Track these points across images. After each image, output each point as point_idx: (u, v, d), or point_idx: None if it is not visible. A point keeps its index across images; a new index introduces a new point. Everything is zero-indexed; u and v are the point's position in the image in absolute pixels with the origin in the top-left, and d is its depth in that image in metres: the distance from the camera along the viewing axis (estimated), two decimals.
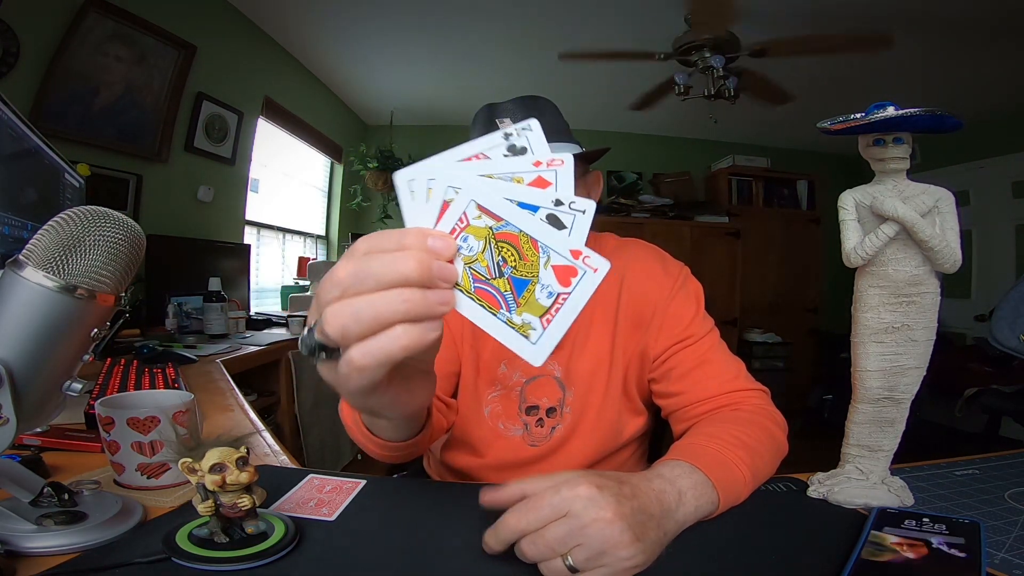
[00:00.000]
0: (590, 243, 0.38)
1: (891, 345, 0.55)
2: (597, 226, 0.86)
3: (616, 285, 0.86)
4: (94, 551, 0.45)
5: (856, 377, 0.57)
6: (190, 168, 2.51)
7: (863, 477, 0.57)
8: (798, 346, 4.30)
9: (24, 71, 1.73)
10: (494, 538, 0.45)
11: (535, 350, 0.34)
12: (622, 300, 0.85)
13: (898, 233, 0.52)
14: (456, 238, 0.34)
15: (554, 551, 0.42)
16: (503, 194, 0.34)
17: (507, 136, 0.35)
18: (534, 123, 0.36)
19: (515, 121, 0.74)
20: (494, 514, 0.46)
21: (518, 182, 0.34)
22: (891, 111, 0.49)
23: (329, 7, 2.70)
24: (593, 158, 0.84)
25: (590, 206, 0.34)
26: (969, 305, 3.73)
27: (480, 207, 0.34)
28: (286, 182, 3.59)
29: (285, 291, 3.07)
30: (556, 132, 0.79)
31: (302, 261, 3.38)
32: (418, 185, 0.35)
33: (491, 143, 0.35)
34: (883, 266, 0.54)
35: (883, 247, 0.53)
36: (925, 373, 0.55)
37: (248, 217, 3.01)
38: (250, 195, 2.99)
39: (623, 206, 4.20)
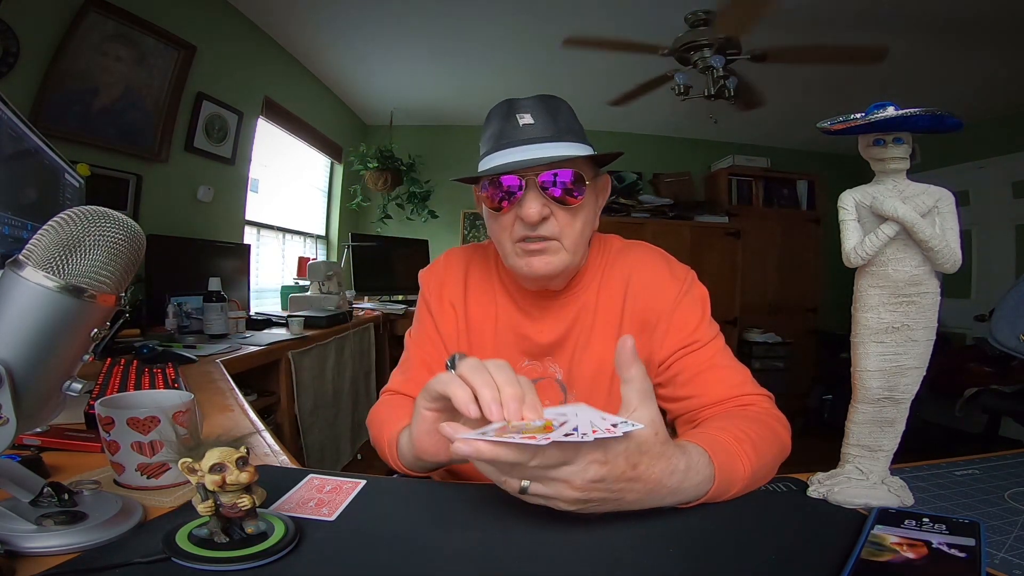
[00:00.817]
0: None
1: (891, 345, 0.55)
2: (601, 227, 0.85)
3: (621, 289, 0.86)
4: (94, 551, 0.45)
5: (856, 377, 0.57)
6: (190, 168, 2.51)
7: (863, 477, 0.57)
8: (798, 346, 4.30)
9: (24, 71, 1.73)
10: (491, 451, 0.45)
11: (472, 434, 0.46)
12: (627, 304, 0.85)
13: (898, 233, 0.52)
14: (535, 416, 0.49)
15: (525, 477, 0.48)
16: (581, 427, 0.46)
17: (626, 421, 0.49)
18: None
19: (535, 117, 0.76)
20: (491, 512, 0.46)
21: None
22: (891, 111, 0.49)
23: (329, 7, 2.70)
24: (605, 162, 0.83)
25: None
26: (969, 305, 3.73)
27: (563, 422, 0.47)
28: (286, 182, 3.59)
29: (285, 291, 3.07)
30: (570, 132, 0.78)
31: (302, 261, 3.38)
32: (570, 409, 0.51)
33: (616, 421, 0.49)
34: (883, 266, 0.54)
35: (883, 247, 0.53)
36: (925, 373, 0.55)
37: (248, 217, 3.01)
38: (250, 195, 2.99)
39: (623, 206, 4.20)
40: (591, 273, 0.87)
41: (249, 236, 3.05)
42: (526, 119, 0.76)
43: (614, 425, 0.47)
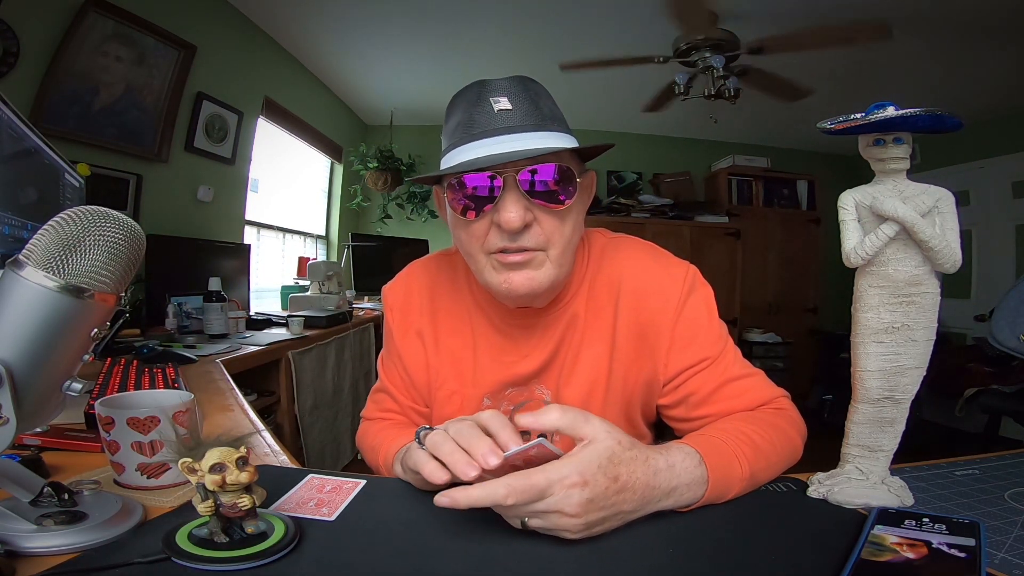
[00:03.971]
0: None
1: (891, 345, 0.55)
2: (591, 225, 0.78)
3: (612, 296, 0.75)
4: (94, 551, 0.45)
5: (856, 377, 0.57)
6: (190, 168, 2.51)
7: (863, 477, 0.57)
8: (798, 346, 4.30)
9: (24, 71, 1.73)
10: (465, 497, 0.45)
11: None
12: (620, 314, 0.74)
13: (898, 233, 0.52)
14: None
15: (519, 516, 0.48)
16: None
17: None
18: None
19: (512, 102, 0.64)
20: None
21: None
22: (891, 111, 0.49)
23: (329, 7, 2.70)
24: (591, 156, 0.71)
25: None
26: (969, 305, 3.73)
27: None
28: (286, 182, 3.59)
29: (285, 291, 3.07)
30: (554, 121, 0.66)
31: (302, 261, 3.38)
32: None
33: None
34: (883, 266, 0.54)
35: (883, 247, 0.53)
36: (925, 373, 0.55)
37: (248, 217, 3.01)
38: (250, 195, 2.99)
39: (623, 206, 4.20)
40: (576, 280, 0.76)
41: (249, 236, 3.05)
42: (502, 103, 0.63)
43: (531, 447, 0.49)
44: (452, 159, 0.65)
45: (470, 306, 0.80)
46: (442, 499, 0.46)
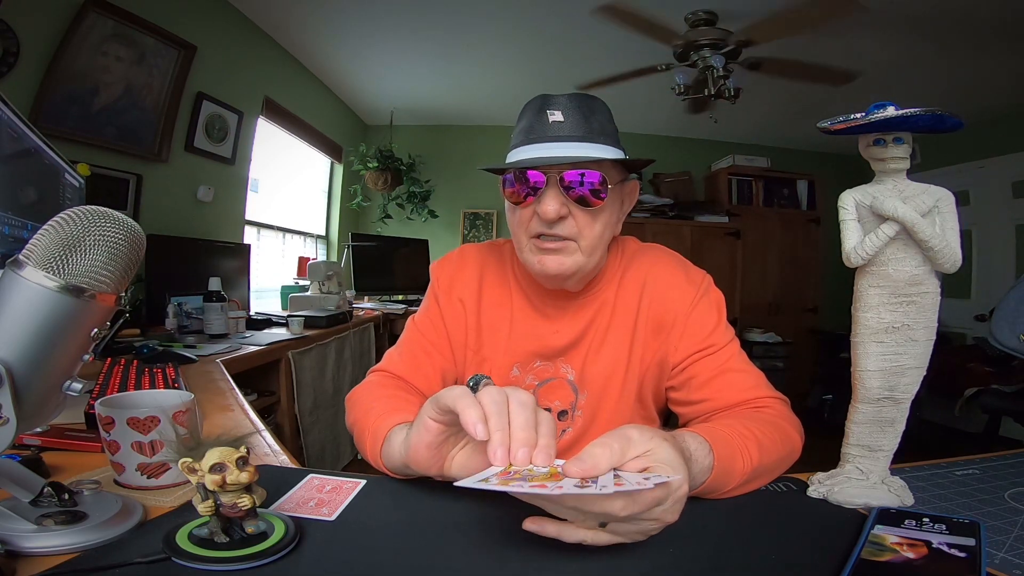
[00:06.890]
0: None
1: (891, 345, 0.55)
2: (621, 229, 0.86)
3: (637, 291, 0.85)
4: (94, 551, 0.45)
5: (856, 377, 0.57)
6: (190, 168, 2.51)
7: (863, 477, 0.57)
8: (798, 346, 4.30)
9: (24, 71, 1.73)
10: (577, 503, 0.43)
11: (472, 479, 0.45)
12: (643, 306, 0.84)
13: (898, 233, 0.52)
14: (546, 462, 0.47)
15: (603, 520, 0.45)
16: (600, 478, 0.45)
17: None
18: None
19: (565, 115, 0.73)
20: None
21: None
22: (891, 111, 0.49)
23: (329, 7, 2.70)
24: (636, 167, 0.82)
25: None
26: (969, 305, 3.73)
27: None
28: (286, 182, 3.59)
29: (285, 291, 3.07)
30: (602, 134, 0.75)
31: (302, 261, 3.38)
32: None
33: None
34: (883, 266, 0.54)
35: (883, 247, 0.53)
36: (925, 373, 0.55)
37: (248, 217, 3.01)
38: (250, 195, 2.99)
39: None
40: (610, 274, 0.87)
41: (249, 236, 3.05)
42: (556, 116, 0.74)
43: (645, 479, 0.44)
44: (512, 157, 0.77)
45: (512, 286, 0.90)
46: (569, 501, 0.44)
